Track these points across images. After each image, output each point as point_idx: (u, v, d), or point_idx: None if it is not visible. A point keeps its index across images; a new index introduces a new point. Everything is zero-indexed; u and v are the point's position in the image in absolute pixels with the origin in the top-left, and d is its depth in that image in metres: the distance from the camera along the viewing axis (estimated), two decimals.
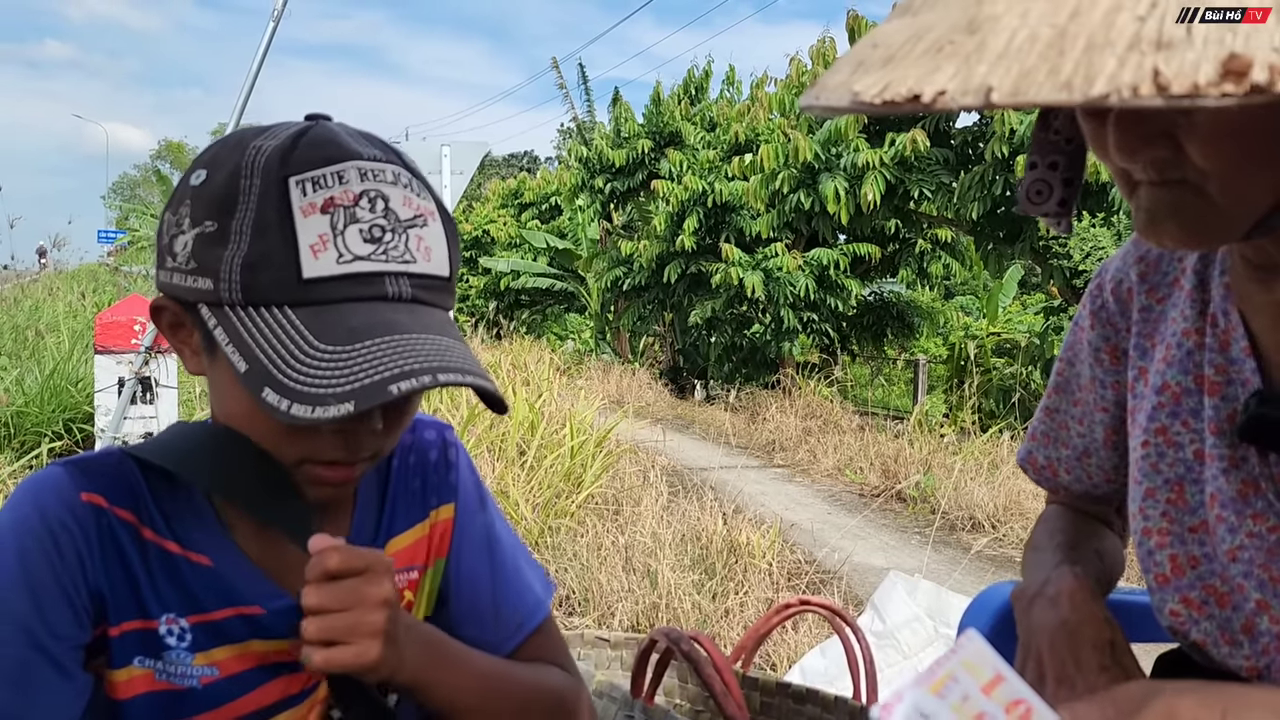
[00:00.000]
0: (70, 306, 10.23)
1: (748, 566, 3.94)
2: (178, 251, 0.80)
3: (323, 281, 0.76)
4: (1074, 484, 1.19)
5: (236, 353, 0.75)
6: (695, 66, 15.48)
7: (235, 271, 0.76)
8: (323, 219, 0.76)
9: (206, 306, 0.78)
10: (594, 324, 18.10)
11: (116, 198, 58.72)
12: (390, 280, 0.78)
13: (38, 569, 0.79)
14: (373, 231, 0.77)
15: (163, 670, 0.84)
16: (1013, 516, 5.68)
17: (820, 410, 9.66)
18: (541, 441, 5.09)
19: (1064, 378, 1.16)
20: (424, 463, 1.00)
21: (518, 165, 52.32)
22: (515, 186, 23.04)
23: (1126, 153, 0.73)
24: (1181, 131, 0.71)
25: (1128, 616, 1.07)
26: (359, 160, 0.79)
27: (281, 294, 0.76)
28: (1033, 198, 0.93)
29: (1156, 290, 1.01)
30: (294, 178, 0.77)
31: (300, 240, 0.75)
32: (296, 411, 0.71)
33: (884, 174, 9.72)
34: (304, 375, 0.73)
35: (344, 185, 0.77)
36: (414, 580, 0.98)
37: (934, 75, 0.52)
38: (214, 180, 0.78)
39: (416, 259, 0.80)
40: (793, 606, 1.66)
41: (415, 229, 0.80)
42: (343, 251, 0.76)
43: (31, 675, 0.78)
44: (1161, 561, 0.94)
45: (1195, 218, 0.74)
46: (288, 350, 0.74)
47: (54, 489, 0.82)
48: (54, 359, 6.27)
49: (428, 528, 0.99)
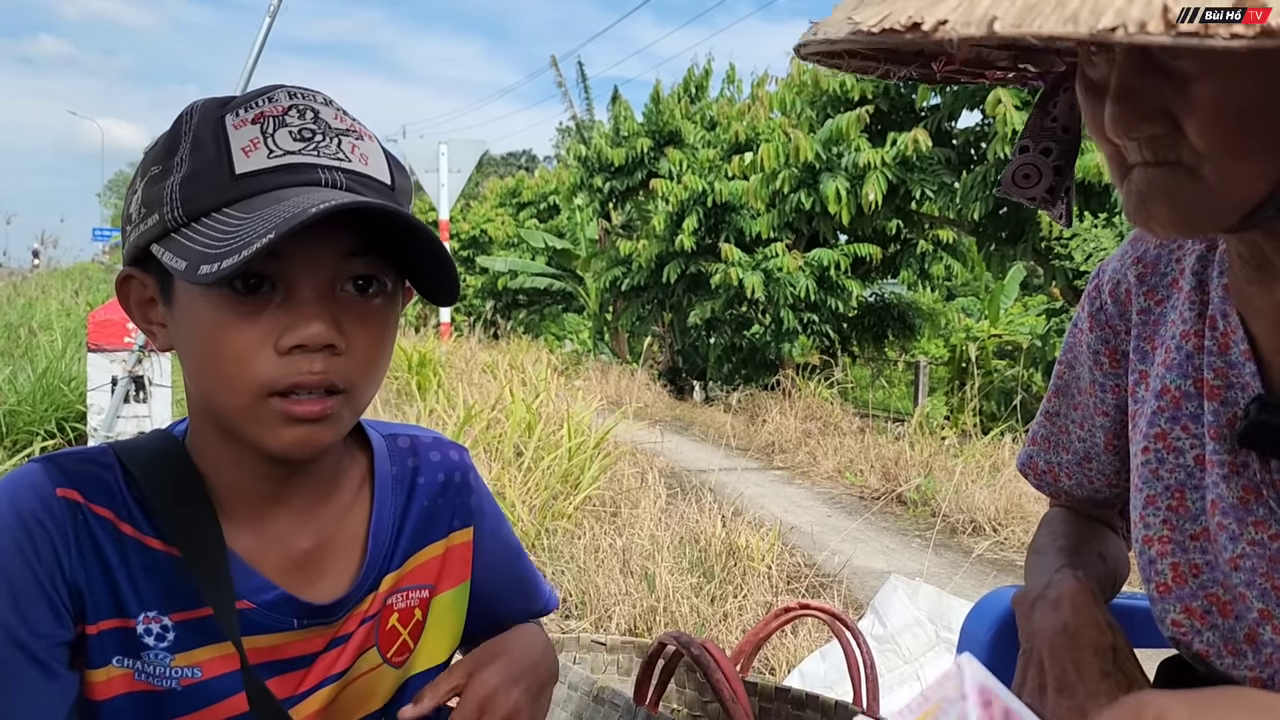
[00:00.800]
0: (63, 304, 10.24)
1: (747, 570, 3.92)
2: (131, 211, 0.82)
3: (254, 175, 0.77)
4: (1075, 489, 1.18)
5: (177, 259, 0.75)
6: (695, 65, 15.51)
7: (175, 192, 0.78)
8: (253, 128, 0.78)
9: (157, 244, 0.79)
10: (592, 324, 18.09)
11: (112, 195, 58.82)
12: (323, 171, 0.79)
13: (14, 566, 0.78)
14: (303, 133, 0.79)
15: (141, 670, 0.83)
16: (1014, 520, 5.66)
17: (820, 412, 9.64)
18: (539, 442, 5.06)
19: (1064, 381, 1.15)
20: (448, 483, 1.00)
21: (516, 164, 52.37)
22: (513, 185, 23.05)
23: (1123, 127, 0.72)
24: (1181, 109, 0.69)
25: (1131, 621, 1.06)
26: (290, 87, 0.83)
27: (217, 197, 0.77)
28: (1019, 180, 0.94)
29: (1155, 292, 1.00)
30: (229, 111, 0.80)
31: (232, 145, 0.77)
32: (226, 264, 0.71)
33: (885, 174, 9.71)
34: (234, 238, 0.73)
35: (273, 103, 0.80)
36: (424, 599, 0.97)
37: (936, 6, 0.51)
38: (161, 137, 0.82)
39: (352, 159, 0.80)
40: (792, 610, 1.64)
41: (348, 138, 0.81)
42: (273, 148, 0.78)
43: (13, 674, 0.78)
44: (1163, 570, 0.93)
45: (1186, 201, 0.73)
46: (220, 232, 0.75)
47: (30, 485, 0.81)
48: (47, 357, 6.27)
49: (443, 548, 0.98)
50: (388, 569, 0.94)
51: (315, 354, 0.78)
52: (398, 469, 0.98)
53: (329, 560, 0.91)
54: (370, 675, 0.94)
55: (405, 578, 0.95)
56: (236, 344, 0.77)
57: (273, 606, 0.86)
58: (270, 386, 0.78)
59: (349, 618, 0.91)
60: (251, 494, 0.88)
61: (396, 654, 0.95)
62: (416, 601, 0.96)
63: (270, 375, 0.78)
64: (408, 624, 0.96)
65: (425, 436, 1.02)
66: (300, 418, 0.79)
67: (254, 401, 0.79)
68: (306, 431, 0.80)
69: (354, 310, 0.81)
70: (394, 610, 0.94)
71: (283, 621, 0.87)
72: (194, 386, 0.84)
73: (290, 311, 0.78)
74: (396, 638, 0.95)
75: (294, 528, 0.89)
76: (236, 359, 0.78)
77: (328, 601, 0.89)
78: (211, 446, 0.87)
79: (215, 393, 0.81)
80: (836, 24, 0.55)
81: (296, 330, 0.77)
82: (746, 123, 12.52)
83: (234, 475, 0.87)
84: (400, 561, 0.95)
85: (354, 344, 0.81)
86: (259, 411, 0.79)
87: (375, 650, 0.94)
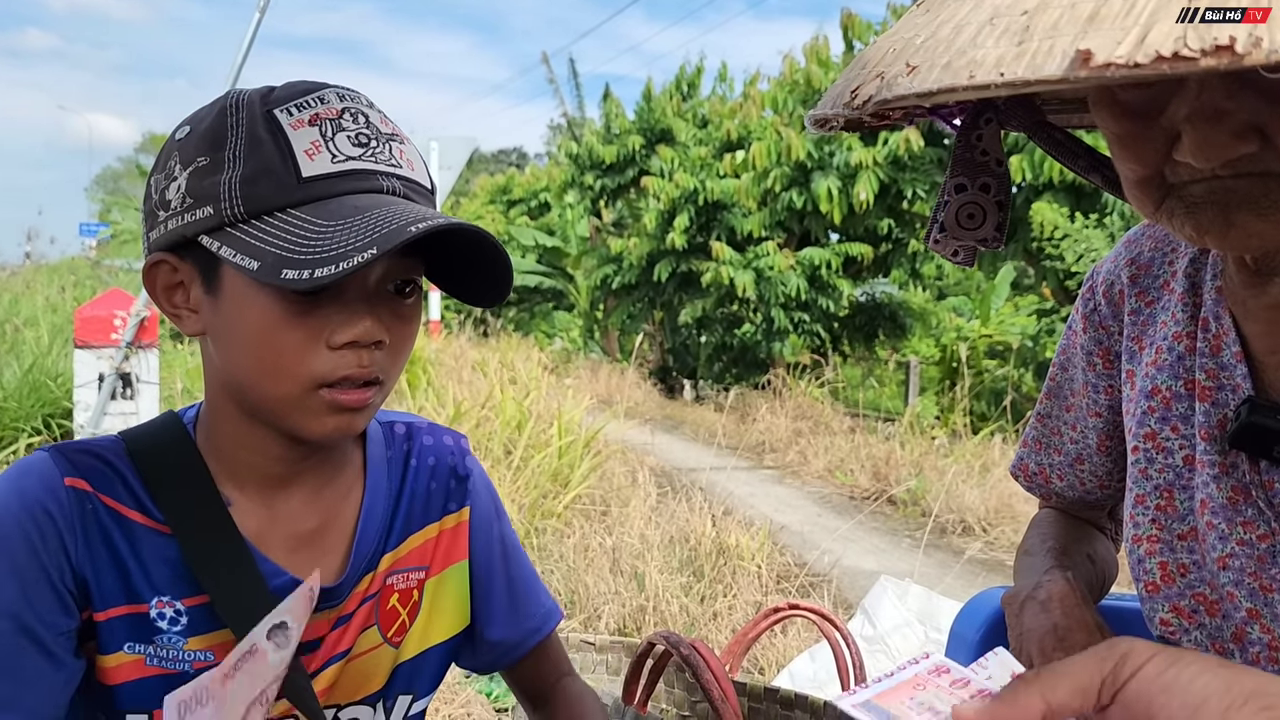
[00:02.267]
0: (49, 300, 10.18)
1: (736, 569, 3.92)
2: (170, 199, 0.82)
3: (321, 179, 0.80)
4: (1067, 490, 1.18)
5: (244, 256, 0.77)
6: (687, 63, 15.50)
7: (235, 188, 0.79)
8: (312, 129, 0.81)
9: (208, 235, 0.80)
10: (582, 322, 18.08)
11: (100, 190, 58.60)
12: (383, 178, 0.82)
13: (22, 555, 0.80)
14: (359, 138, 0.82)
15: (154, 655, 0.85)
16: (1004, 520, 5.67)
17: (811, 411, 9.65)
18: (529, 441, 5.05)
19: (1057, 383, 1.15)
20: (441, 467, 1.02)
21: (506, 161, 52.27)
22: (504, 183, 23.05)
23: (1212, 152, 0.69)
24: (1269, 124, 0.68)
25: (1120, 622, 1.07)
26: (335, 87, 0.85)
27: (283, 197, 0.79)
28: (964, 222, 0.89)
29: (1146, 293, 1.00)
30: (278, 107, 0.82)
31: (295, 147, 0.79)
32: (321, 274, 0.73)
33: (877, 173, 9.73)
34: (320, 246, 0.76)
35: (326, 105, 0.83)
36: (420, 580, 0.99)
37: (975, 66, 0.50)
38: (199, 127, 0.83)
39: (402, 165, 0.85)
40: (782, 610, 1.63)
41: (395, 143, 0.85)
42: (335, 153, 0.81)
43: (22, 662, 0.80)
44: (1151, 569, 0.93)
45: (1275, 208, 0.71)
46: (299, 236, 0.77)
47: (37, 475, 0.83)
48: (33, 353, 6.23)
49: (436, 531, 1.01)
50: (384, 549, 0.97)
51: (364, 349, 0.82)
52: (393, 453, 1.00)
53: (330, 540, 0.94)
54: (371, 654, 0.96)
55: (403, 559, 0.98)
56: (292, 339, 0.81)
57: (283, 591, 0.87)
58: (322, 379, 0.82)
59: (350, 597, 0.94)
60: (264, 475, 0.90)
61: (395, 634, 0.97)
62: (415, 583, 0.99)
63: (323, 369, 0.82)
64: (407, 604, 0.98)
65: (421, 423, 1.05)
66: (345, 406, 0.83)
67: (304, 393, 0.82)
68: (348, 419, 0.85)
69: (392, 308, 0.85)
70: (395, 590, 0.97)
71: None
72: (233, 374, 0.85)
73: (342, 309, 0.81)
74: (396, 617, 0.97)
75: (302, 508, 0.92)
76: (291, 353, 0.81)
77: (333, 583, 0.91)
78: (229, 429, 0.89)
79: (262, 382, 0.83)
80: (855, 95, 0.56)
81: (350, 328, 0.81)
82: (738, 121, 12.53)
83: (248, 457, 0.89)
84: (398, 542, 0.98)
85: (392, 338, 0.85)
86: (307, 401, 0.83)
87: (376, 629, 0.96)
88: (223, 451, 0.89)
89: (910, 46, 0.56)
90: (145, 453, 0.88)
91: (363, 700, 0.96)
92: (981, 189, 0.88)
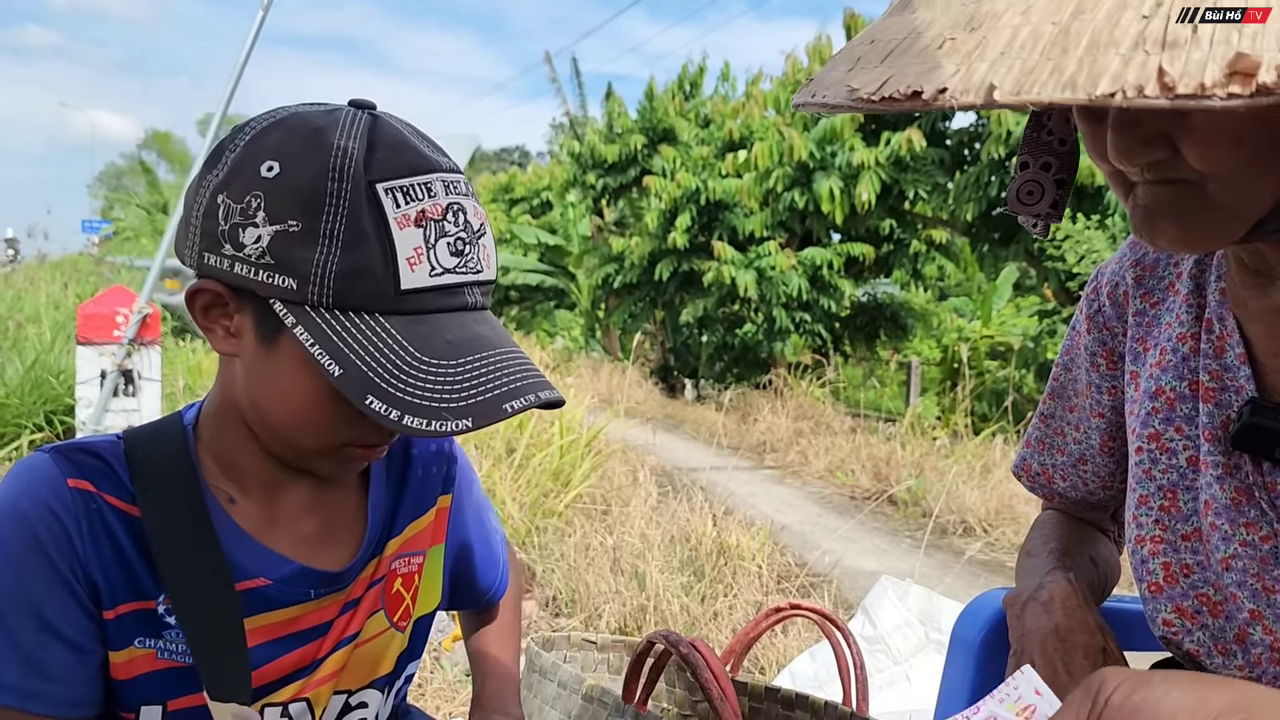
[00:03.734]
0: (52, 297, 10.19)
1: (737, 569, 3.91)
2: (246, 243, 0.78)
3: (417, 293, 0.79)
4: (1069, 491, 1.18)
5: (328, 356, 0.77)
6: (690, 62, 15.48)
7: (329, 277, 0.77)
8: (416, 232, 0.79)
9: (284, 304, 0.78)
10: (584, 321, 18.08)
11: (102, 187, 58.54)
12: (469, 291, 0.83)
13: (34, 558, 0.82)
14: (457, 244, 0.81)
15: (164, 649, 0.86)
16: (1005, 521, 5.67)
17: (812, 411, 9.65)
18: (530, 439, 5.05)
19: (1060, 383, 1.16)
20: (437, 453, 1.06)
21: (509, 160, 52.18)
22: (506, 181, 23.02)
23: (1125, 156, 0.73)
24: (1178, 134, 0.71)
25: (1122, 624, 1.07)
26: (440, 172, 0.82)
27: (377, 303, 0.78)
28: (1024, 198, 0.94)
29: (1151, 294, 1.01)
30: (382, 184, 0.78)
31: (399, 252, 0.78)
32: (410, 422, 0.74)
33: (879, 174, 9.72)
34: (411, 387, 0.76)
35: (433, 199, 0.80)
36: (420, 565, 1.03)
37: (934, 73, 0.52)
38: (293, 177, 0.78)
39: (484, 268, 0.84)
40: (783, 610, 1.63)
41: (483, 238, 0.84)
42: (434, 265, 0.80)
43: (45, 656, 0.82)
44: (1154, 570, 0.94)
45: (1193, 217, 0.74)
46: (389, 360, 0.77)
47: (41, 478, 0.84)
48: (35, 350, 6.23)
49: (434, 514, 1.04)
50: (389, 535, 0.99)
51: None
52: (395, 442, 1.01)
53: (336, 533, 0.96)
54: (379, 639, 0.98)
55: (406, 543, 1.01)
56: (334, 412, 0.82)
57: (290, 580, 0.90)
58: (353, 443, 0.86)
59: (356, 582, 0.96)
60: (264, 479, 0.92)
61: (401, 618, 1.00)
62: (415, 566, 1.02)
63: (355, 435, 0.85)
64: (409, 588, 1.01)
65: None
66: (365, 459, 0.89)
67: (331, 449, 0.86)
68: (362, 463, 0.90)
69: None
70: (397, 575, 1.00)
71: (300, 593, 0.91)
72: (257, 409, 0.86)
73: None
74: (401, 601, 1.00)
75: (301, 509, 0.94)
76: (329, 422, 0.83)
77: (339, 569, 0.94)
78: (234, 437, 0.90)
79: (289, 432, 0.86)
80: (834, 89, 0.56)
81: (385, 435, 0.87)
82: (741, 121, 12.52)
83: (249, 462, 0.91)
84: (401, 527, 1.00)
85: None
86: (331, 454, 0.87)
87: (383, 614, 0.98)
88: (225, 453, 0.90)
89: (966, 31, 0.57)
90: (140, 453, 0.89)
91: (371, 684, 0.99)
92: (1043, 167, 0.92)
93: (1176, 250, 0.81)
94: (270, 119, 0.82)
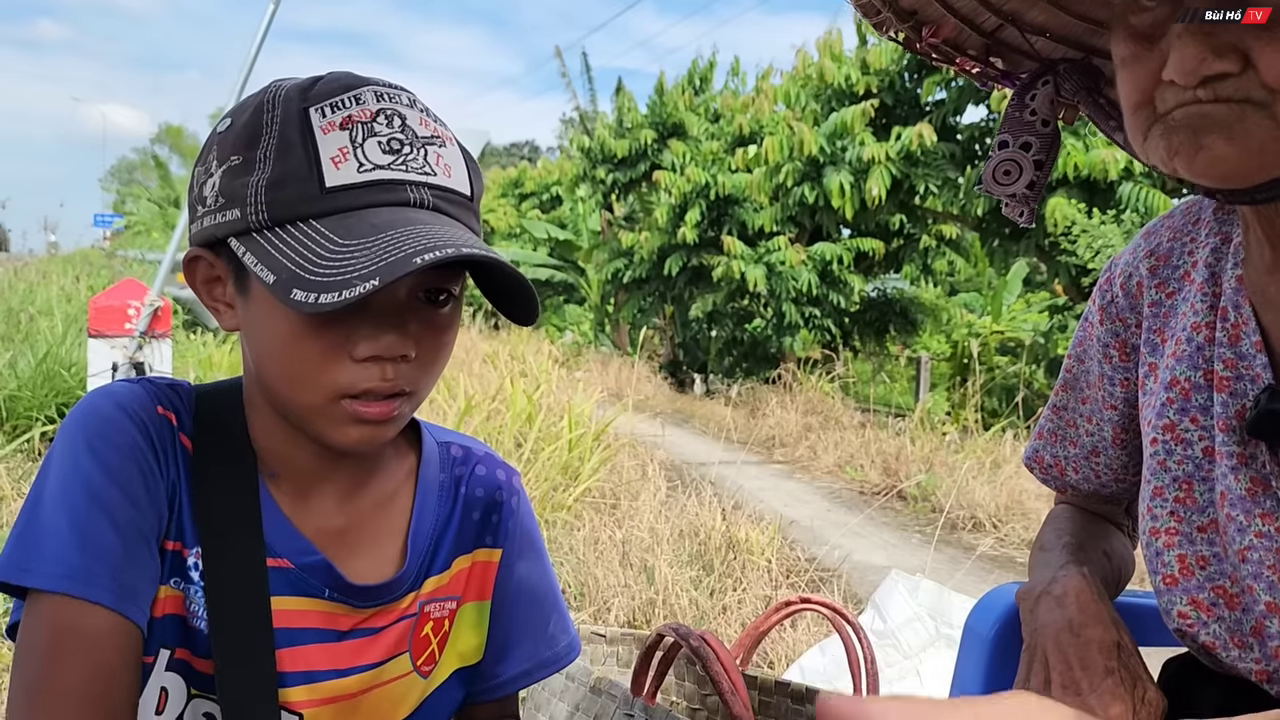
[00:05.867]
0: (64, 290, 10.23)
1: (746, 563, 3.91)
2: (207, 195, 0.81)
3: (344, 190, 0.77)
4: (1082, 483, 1.17)
5: (264, 268, 0.76)
6: (700, 57, 15.43)
7: (260, 193, 0.78)
8: (342, 134, 0.78)
9: (235, 238, 0.79)
10: (593, 316, 18.08)
11: (114, 181, 58.78)
12: (411, 188, 0.79)
13: (129, 466, 0.81)
14: (391, 144, 0.79)
15: (190, 601, 0.85)
16: (1014, 516, 5.65)
17: (821, 406, 9.63)
18: (539, 433, 5.05)
19: (1072, 375, 1.15)
20: (489, 500, 1.00)
21: (518, 154, 52.22)
22: (516, 176, 23.03)
23: (1190, 68, 0.71)
24: (1255, 47, 0.69)
25: (1136, 619, 1.06)
26: (375, 85, 0.82)
27: (305, 207, 0.77)
28: (999, 177, 0.94)
29: (1167, 284, 1.00)
30: (314, 106, 0.79)
31: (321, 154, 0.77)
32: (324, 299, 0.72)
33: (889, 168, 9.69)
34: (330, 267, 0.74)
35: (360, 105, 0.80)
36: (452, 611, 0.97)
37: None
38: (238, 121, 0.81)
39: (436, 173, 0.81)
40: (794, 604, 1.62)
41: (433, 146, 0.82)
42: (363, 161, 0.78)
43: (141, 563, 0.80)
44: (1169, 562, 0.93)
45: (1250, 135, 0.72)
46: (313, 252, 0.75)
47: (136, 397, 0.84)
48: (47, 342, 6.25)
49: (469, 562, 0.99)
50: (429, 571, 0.95)
51: (388, 362, 0.81)
52: (445, 476, 0.99)
53: (363, 544, 0.92)
54: (401, 681, 0.94)
55: (444, 587, 0.96)
56: (313, 349, 0.79)
57: (310, 570, 0.88)
58: (344, 391, 0.81)
59: (384, 611, 0.92)
60: (297, 467, 0.90)
61: (425, 663, 0.96)
62: (447, 612, 0.97)
63: (345, 381, 0.80)
64: (438, 634, 0.96)
65: (479, 449, 1.03)
66: (368, 419, 0.82)
67: (326, 403, 0.81)
68: (372, 431, 0.83)
69: (423, 317, 0.83)
70: (429, 618, 0.95)
71: (315, 588, 0.88)
72: (262, 375, 0.85)
73: (366, 321, 0.80)
74: (428, 646, 0.96)
75: (333, 505, 0.91)
76: (312, 364, 0.80)
77: (359, 583, 0.90)
78: (263, 420, 0.89)
79: (285, 390, 0.83)
80: None
81: (373, 341, 0.80)
82: (750, 116, 12.49)
83: (282, 448, 0.89)
84: (443, 567, 0.96)
85: (422, 350, 0.83)
86: (329, 411, 0.82)
87: (408, 656, 0.94)
88: (260, 440, 0.89)
89: None
90: (206, 404, 0.89)
91: None
92: (1022, 147, 0.91)
93: (1214, 170, 0.76)
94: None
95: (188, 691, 0.85)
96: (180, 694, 0.85)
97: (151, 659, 0.84)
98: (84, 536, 0.78)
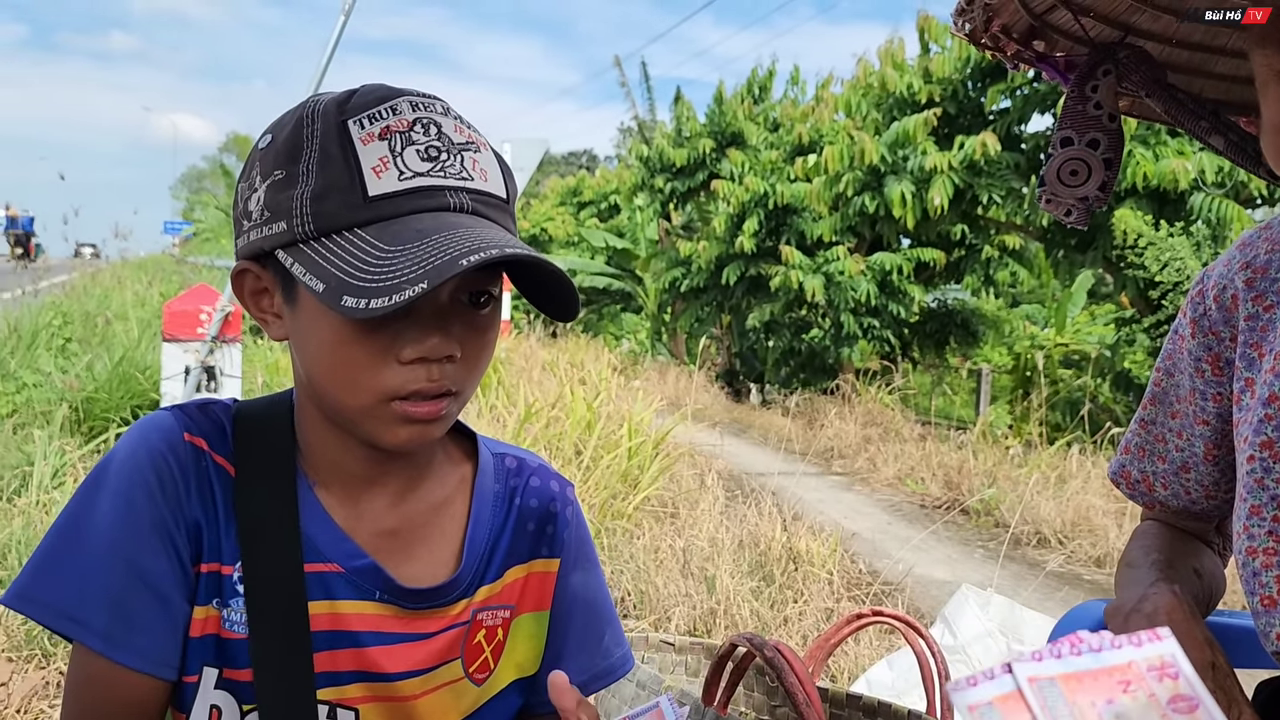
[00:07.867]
0: (138, 295, 10.50)
1: (807, 575, 3.88)
2: (252, 210, 0.84)
3: (387, 198, 0.80)
4: (1171, 499, 1.14)
5: (312, 277, 0.79)
6: (759, 66, 15.38)
7: (305, 205, 0.80)
8: (381, 144, 0.81)
9: (282, 250, 0.82)
10: (650, 324, 18.09)
11: (184, 189, 60.25)
12: (451, 193, 0.82)
13: (140, 503, 0.84)
14: (429, 151, 0.82)
15: (228, 618, 0.87)
16: (1081, 533, 5.53)
17: (880, 418, 9.52)
18: (599, 441, 5.06)
19: (1161, 389, 1.11)
20: (543, 511, 1.01)
21: (576, 163, 52.45)
22: (574, 184, 23.15)
23: None
24: None
25: (1229, 640, 1.02)
26: (409, 95, 0.85)
27: (350, 216, 0.80)
28: (1066, 178, 0.89)
29: (1265, 297, 0.97)
30: (352, 119, 0.82)
31: (363, 164, 0.80)
32: (375, 304, 0.74)
33: (952, 178, 9.57)
34: (378, 273, 0.76)
35: (397, 115, 0.83)
36: (506, 619, 0.98)
37: None
38: (279, 136, 0.84)
39: (473, 177, 0.84)
40: (866, 616, 1.61)
41: (468, 152, 0.84)
42: (403, 170, 0.81)
43: (134, 604, 0.83)
44: (1268, 583, 0.90)
45: None
46: (360, 260, 0.78)
47: (159, 429, 0.87)
48: (123, 346, 6.42)
49: (525, 572, 1.00)
50: (483, 580, 0.96)
51: (434, 363, 0.83)
52: (500, 486, 1.00)
53: (415, 548, 0.94)
54: (452, 687, 0.95)
55: (496, 595, 0.97)
56: (361, 353, 0.82)
57: (360, 573, 0.89)
58: (393, 393, 0.83)
59: (435, 615, 0.93)
60: (348, 472, 0.92)
61: (479, 670, 0.96)
62: (500, 621, 0.98)
63: (393, 384, 0.82)
64: (491, 642, 0.97)
65: (532, 461, 1.05)
66: (417, 419, 0.84)
67: (375, 405, 0.83)
68: (420, 430, 0.85)
69: (467, 319, 0.85)
70: (482, 626, 0.96)
71: (366, 590, 0.90)
72: (312, 381, 0.87)
73: (411, 324, 0.82)
74: (480, 654, 0.97)
75: (384, 509, 0.93)
76: (361, 368, 0.82)
77: (410, 586, 0.91)
78: (314, 426, 0.91)
79: (335, 394, 0.85)
80: None
81: (419, 343, 0.82)
82: (810, 125, 12.43)
83: (332, 455, 0.91)
84: (496, 576, 0.97)
85: (466, 350, 0.85)
86: (378, 412, 0.84)
87: (460, 663, 0.95)
88: (310, 447, 0.92)
89: None
90: (248, 421, 0.92)
91: None
92: (1089, 145, 0.87)
93: None
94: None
95: (240, 709, 0.88)
96: (233, 711, 0.88)
97: (194, 678, 0.87)
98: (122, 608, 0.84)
